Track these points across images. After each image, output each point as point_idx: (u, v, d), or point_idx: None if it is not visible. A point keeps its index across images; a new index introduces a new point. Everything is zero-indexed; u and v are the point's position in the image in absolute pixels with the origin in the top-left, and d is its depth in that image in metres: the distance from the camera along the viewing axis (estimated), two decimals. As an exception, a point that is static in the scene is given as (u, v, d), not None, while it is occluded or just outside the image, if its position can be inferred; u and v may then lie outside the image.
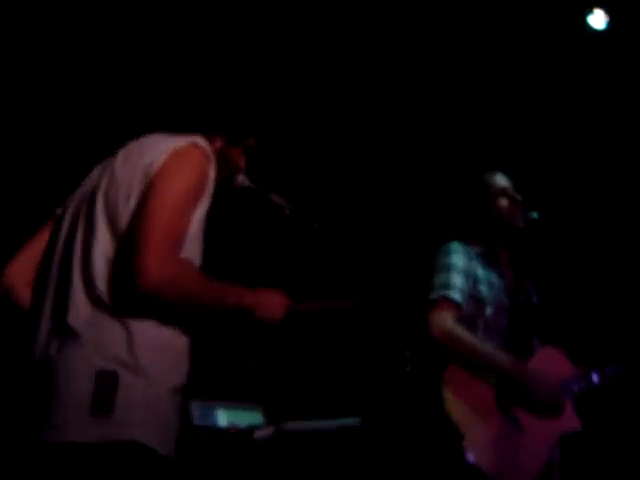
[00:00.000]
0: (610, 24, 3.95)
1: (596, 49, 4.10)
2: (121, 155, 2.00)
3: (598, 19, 3.97)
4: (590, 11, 3.97)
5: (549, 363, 2.81)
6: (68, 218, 2.01)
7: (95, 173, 2.06)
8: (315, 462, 2.94)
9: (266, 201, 2.27)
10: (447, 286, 2.73)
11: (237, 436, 2.87)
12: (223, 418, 3.15)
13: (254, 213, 2.82)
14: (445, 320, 2.66)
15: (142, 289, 1.75)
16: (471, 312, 2.77)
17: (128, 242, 1.82)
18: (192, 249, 1.92)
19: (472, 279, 2.81)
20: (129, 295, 1.81)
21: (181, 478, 2.56)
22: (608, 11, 3.93)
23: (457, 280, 2.76)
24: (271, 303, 2.01)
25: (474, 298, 2.79)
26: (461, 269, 2.79)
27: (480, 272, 2.85)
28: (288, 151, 4.19)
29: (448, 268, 2.79)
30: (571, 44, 4.12)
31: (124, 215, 1.87)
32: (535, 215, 2.99)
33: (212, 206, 2.01)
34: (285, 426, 2.84)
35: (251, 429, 2.86)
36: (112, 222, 1.88)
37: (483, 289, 2.82)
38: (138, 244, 1.78)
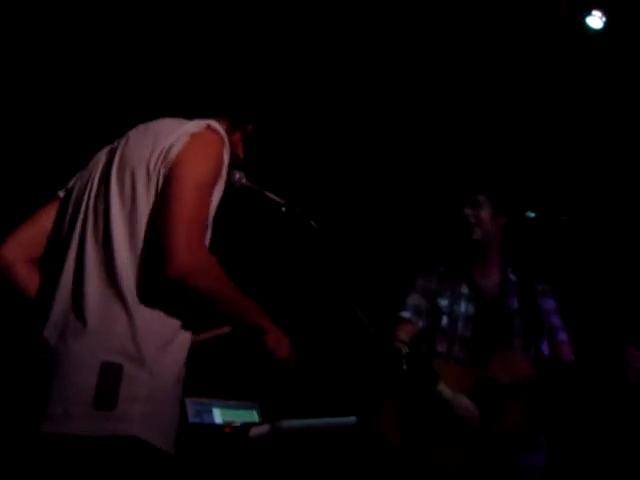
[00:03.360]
0: (607, 24, 3.94)
1: (594, 49, 4.10)
2: (131, 137, 1.98)
3: (596, 19, 3.97)
4: (588, 12, 3.97)
5: (500, 366, 2.90)
6: (75, 201, 1.98)
7: (100, 156, 2.04)
8: (310, 460, 2.94)
9: (263, 199, 2.27)
10: (403, 306, 3.11)
11: (232, 434, 2.86)
12: (218, 416, 3.15)
13: (251, 211, 2.82)
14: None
15: (173, 273, 1.73)
16: (428, 325, 3.07)
17: (154, 227, 1.81)
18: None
19: (431, 295, 3.10)
20: (145, 284, 1.79)
21: (177, 476, 2.56)
22: (606, 11, 3.93)
23: (412, 299, 3.12)
24: (281, 341, 2.02)
25: (431, 311, 3.08)
26: (418, 288, 3.14)
27: (443, 286, 3.10)
28: (286, 147, 4.18)
29: (410, 289, 3.15)
30: (569, 44, 4.12)
31: (143, 197, 1.85)
32: (532, 215, 3.02)
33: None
34: (281, 424, 2.83)
35: (247, 427, 2.86)
36: (129, 205, 1.85)
37: (442, 302, 3.07)
38: (169, 229, 1.75)
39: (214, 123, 1.96)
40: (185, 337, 1.89)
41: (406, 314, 3.09)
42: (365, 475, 3.00)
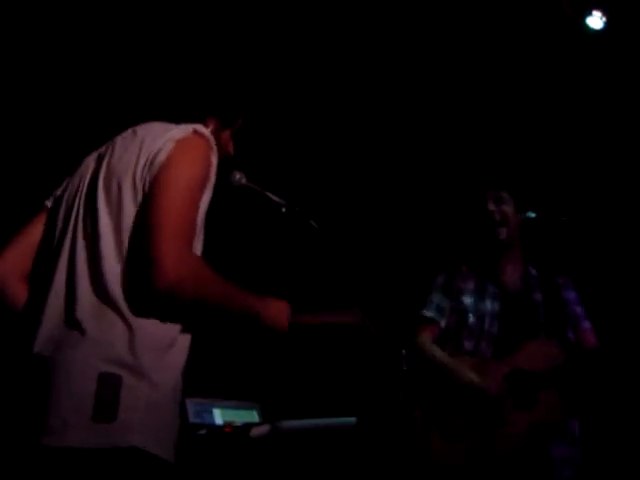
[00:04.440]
0: (608, 24, 3.94)
1: (594, 49, 4.10)
2: (118, 144, 1.96)
3: (596, 20, 3.97)
4: (588, 12, 3.97)
5: (529, 356, 2.90)
6: (63, 211, 1.96)
7: (88, 163, 2.01)
8: (310, 460, 2.93)
9: (263, 199, 2.27)
10: (425, 305, 3.12)
11: (233, 434, 2.86)
12: (219, 416, 3.15)
13: (251, 211, 2.82)
14: (422, 341, 3.05)
15: (161, 286, 1.70)
16: (453, 323, 3.06)
17: (140, 237, 1.78)
18: (195, 242, 1.88)
19: (455, 293, 3.09)
20: (137, 292, 1.77)
21: (178, 477, 2.55)
22: (606, 11, 3.93)
23: (434, 298, 3.12)
24: (277, 311, 1.98)
25: (456, 310, 3.06)
26: (440, 287, 3.14)
27: (468, 284, 3.09)
28: (284, 147, 4.18)
29: (431, 288, 3.15)
30: (569, 44, 4.12)
31: (130, 207, 1.83)
32: (532, 215, 3.03)
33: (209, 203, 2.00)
34: (281, 424, 2.83)
35: (247, 427, 2.85)
36: (116, 214, 1.83)
37: (466, 300, 3.06)
38: (153, 239, 1.72)
39: (200, 127, 1.94)
40: (184, 342, 1.87)
41: (429, 313, 3.09)
42: (365, 475, 3.00)
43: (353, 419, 2.95)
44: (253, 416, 3.31)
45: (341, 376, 4.11)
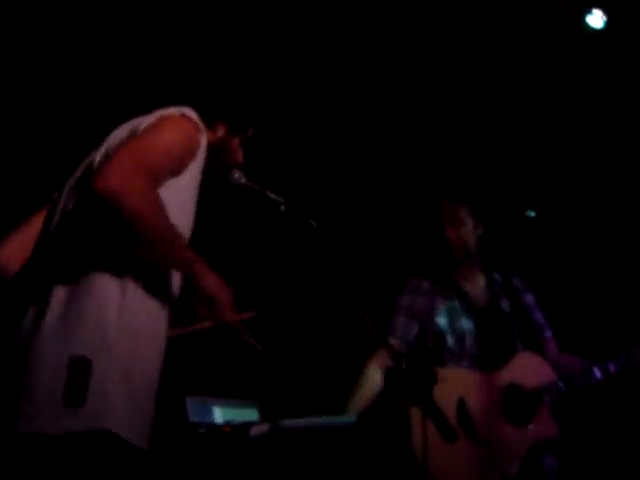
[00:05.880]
0: (608, 23, 3.94)
1: (594, 48, 4.10)
2: (113, 134, 2.00)
3: (596, 18, 3.97)
4: (589, 11, 3.97)
5: (522, 370, 2.87)
6: (59, 200, 2.00)
7: (90, 156, 2.04)
8: (310, 459, 2.94)
9: (263, 198, 2.27)
10: (391, 329, 3.02)
11: (232, 433, 2.86)
12: (219, 415, 3.15)
13: (251, 210, 2.82)
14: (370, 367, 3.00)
15: (99, 188, 1.67)
16: (434, 346, 2.97)
17: None
18: (181, 221, 1.89)
19: (426, 314, 2.99)
20: (110, 276, 1.79)
21: (176, 475, 2.56)
22: (606, 10, 3.93)
23: (398, 320, 3.02)
24: (217, 282, 1.92)
25: (433, 332, 2.97)
26: (404, 308, 3.03)
27: (438, 303, 3.00)
28: (286, 146, 4.18)
29: (394, 310, 3.05)
30: (569, 43, 4.12)
31: None
32: (532, 214, 3.02)
33: (208, 203, 2.01)
34: (281, 423, 2.83)
35: (247, 426, 2.85)
36: None
37: (441, 321, 2.97)
38: (110, 160, 1.75)
39: (188, 111, 1.97)
40: (158, 329, 1.88)
41: (394, 340, 3.02)
42: (365, 475, 3.01)
43: (353, 418, 2.95)
44: (253, 415, 3.31)
45: (340, 375, 4.11)
